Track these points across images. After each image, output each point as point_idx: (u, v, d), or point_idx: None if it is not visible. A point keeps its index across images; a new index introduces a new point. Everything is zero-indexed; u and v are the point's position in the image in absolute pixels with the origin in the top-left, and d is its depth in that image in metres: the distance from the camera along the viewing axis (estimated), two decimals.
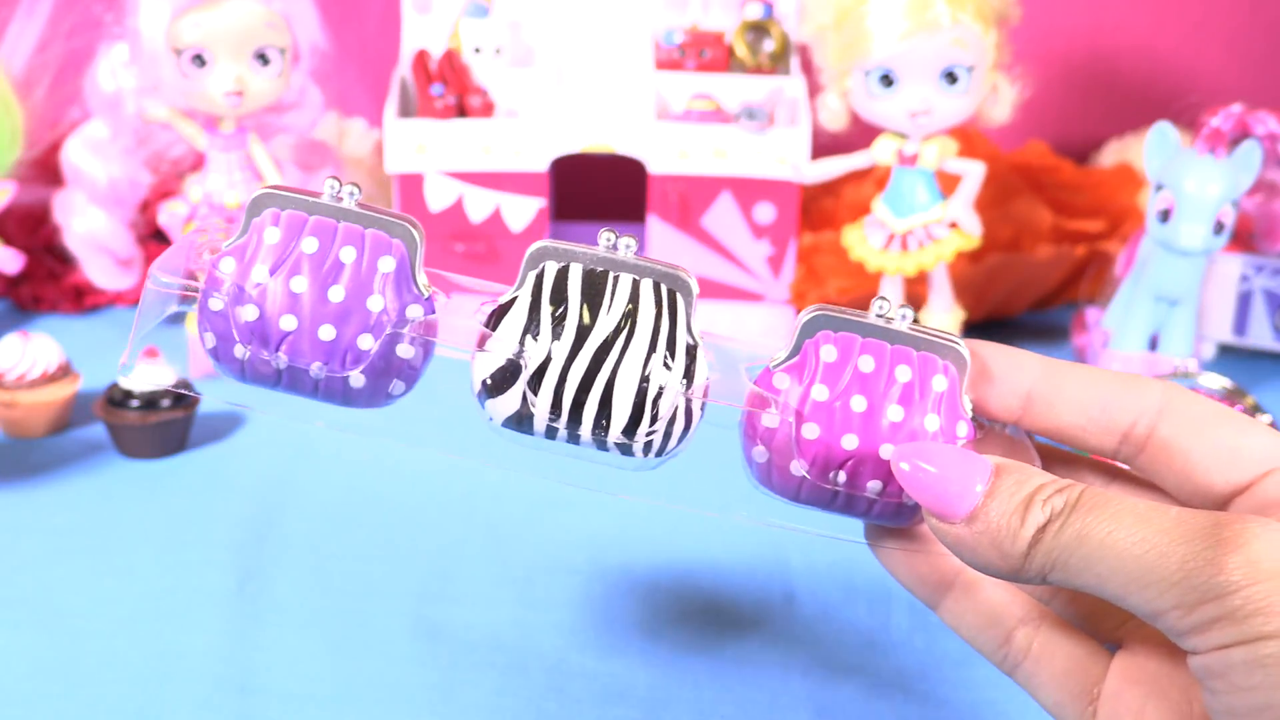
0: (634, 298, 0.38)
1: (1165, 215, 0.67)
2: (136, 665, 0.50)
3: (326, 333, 0.38)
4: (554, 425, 0.38)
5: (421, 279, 0.39)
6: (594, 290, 0.38)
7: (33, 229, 0.81)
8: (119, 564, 0.56)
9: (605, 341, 0.38)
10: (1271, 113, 0.70)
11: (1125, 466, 0.38)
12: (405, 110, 0.80)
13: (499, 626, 0.53)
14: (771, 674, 0.51)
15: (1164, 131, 0.68)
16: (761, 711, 0.49)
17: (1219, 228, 0.66)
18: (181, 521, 0.59)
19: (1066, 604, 0.39)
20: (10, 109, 0.75)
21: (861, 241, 0.75)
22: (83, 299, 0.82)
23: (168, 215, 0.73)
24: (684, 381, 0.38)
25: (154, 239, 0.81)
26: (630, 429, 0.38)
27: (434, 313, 0.39)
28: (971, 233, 0.74)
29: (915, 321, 0.38)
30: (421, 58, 0.80)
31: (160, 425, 0.63)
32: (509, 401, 0.38)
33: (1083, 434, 0.37)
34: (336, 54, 0.74)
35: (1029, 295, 0.83)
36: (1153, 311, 0.70)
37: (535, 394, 0.38)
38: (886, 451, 0.37)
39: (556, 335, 0.38)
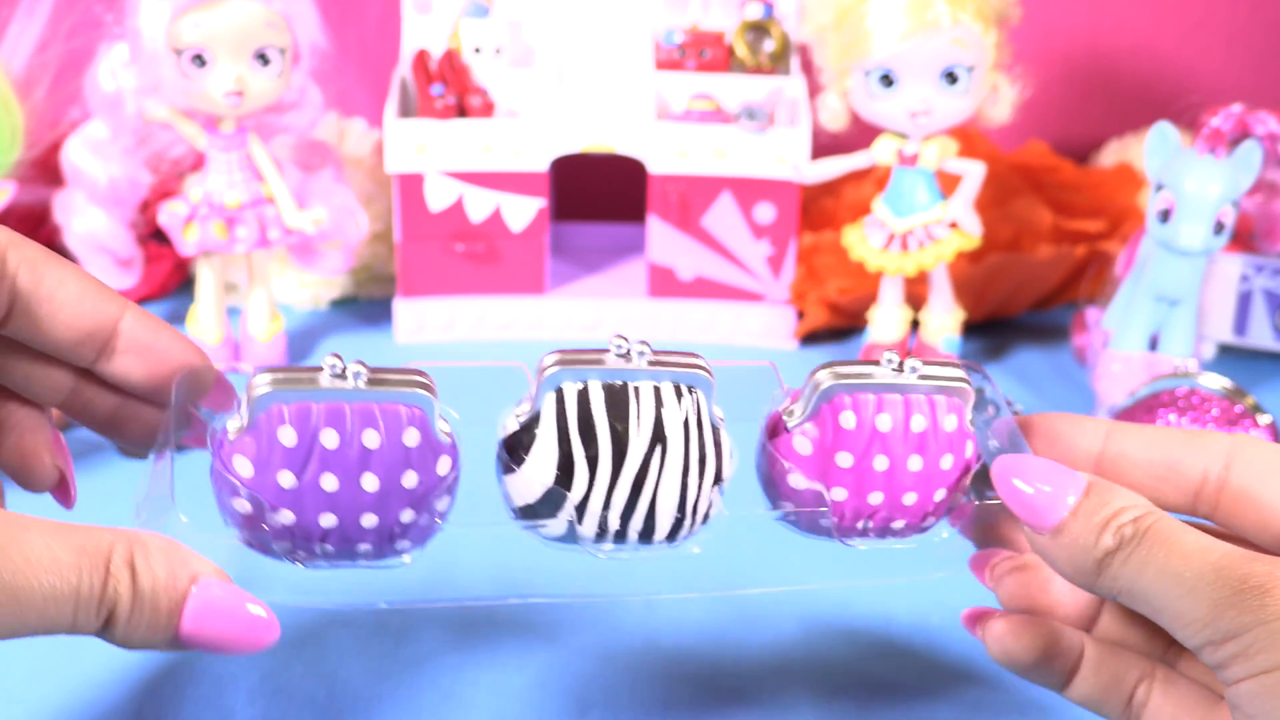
0: (658, 410, 0.38)
1: (1165, 215, 0.67)
2: (136, 665, 0.50)
3: (369, 520, 0.37)
4: (599, 545, 0.39)
5: (440, 429, 0.38)
6: (619, 408, 0.38)
7: (33, 229, 0.81)
8: None
9: (642, 464, 0.38)
10: (1271, 113, 0.70)
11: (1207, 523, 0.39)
12: (405, 110, 0.80)
13: (496, 626, 0.53)
14: (771, 674, 0.51)
15: (1164, 131, 0.68)
16: (762, 711, 0.49)
17: (1219, 228, 0.66)
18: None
19: (1174, 654, 0.41)
20: (10, 109, 0.75)
21: (861, 241, 0.75)
22: None
23: (168, 215, 0.73)
24: (717, 482, 0.39)
25: (154, 239, 0.81)
26: (673, 534, 0.39)
27: (458, 457, 0.38)
28: (971, 233, 0.74)
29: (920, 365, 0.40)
30: (421, 58, 0.80)
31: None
32: (553, 526, 0.39)
33: (1156, 494, 0.39)
34: (336, 54, 0.74)
35: (1029, 295, 0.83)
36: (1153, 311, 0.70)
37: (580, 523, 0.38)
38: (909, 499, 0.40)
39: (592, 466, 0.38)
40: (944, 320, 0.77)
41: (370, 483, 0.37)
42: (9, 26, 0.76)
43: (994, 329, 0.83)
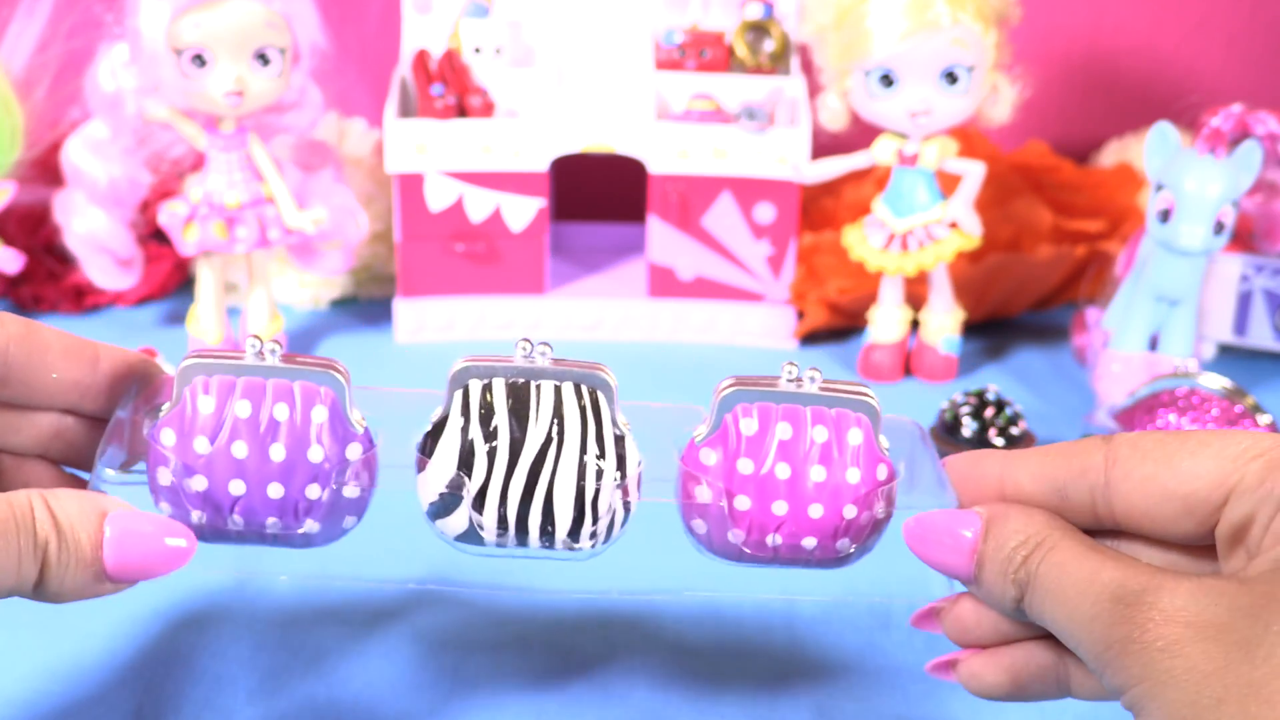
0: (557, 405, 0.40)
1: (1165, 215, 0.67)
2: (137, 665, 0.50)
3: (275, 490, 0.39)
4: (501, 540, 0.40)
5: (354, 416, 0.40)
6: (519, 403, 0.40)
7: (33, 229, 0.81)
8: None
9: (539, 454, 0.39)
10: (1271, 113, 0.70)
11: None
12: (405, 110, 0.80)
13: (495, 626, 0.53)
14: (772, 674, 0.51)
15: (1164, 131, 0.68)
16: (762, 711, 0.49)
17: (1219, 228, 0.66)
18: None
19: None
20: (10, 109, 0.75)
21: (861, 241, 0.76)
22: (83, 299, 0.81)
23: (168, 215, 0.73)
24: (618, 474, 0.40)
25: (154, 239, 0.81)
26: (575, 531, 0.40)
27: (373, 445, 0.40)
28: (971, 233, 0.74)
29: (824, 380, 0.41)
30: (421, 58, 0.80)
31: None
32: (457, 522, 0.40)
33: (1062, 514, 0.38)
34: (336, 54, 0.74)
35: (1029, 295, 0.83)
36: (1153, 311, 0.70)
37: (480, 514, 0.39)
38: (815, 511, 0.40)
39: (490, 456, 0.39)
40: (944, 320, 0.77)
41: (277, 452, 0.39)
42: (9, 26, 0.76)
43: (994, 329, 0.83)
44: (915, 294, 0.77)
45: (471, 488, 0.39)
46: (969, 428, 0.66)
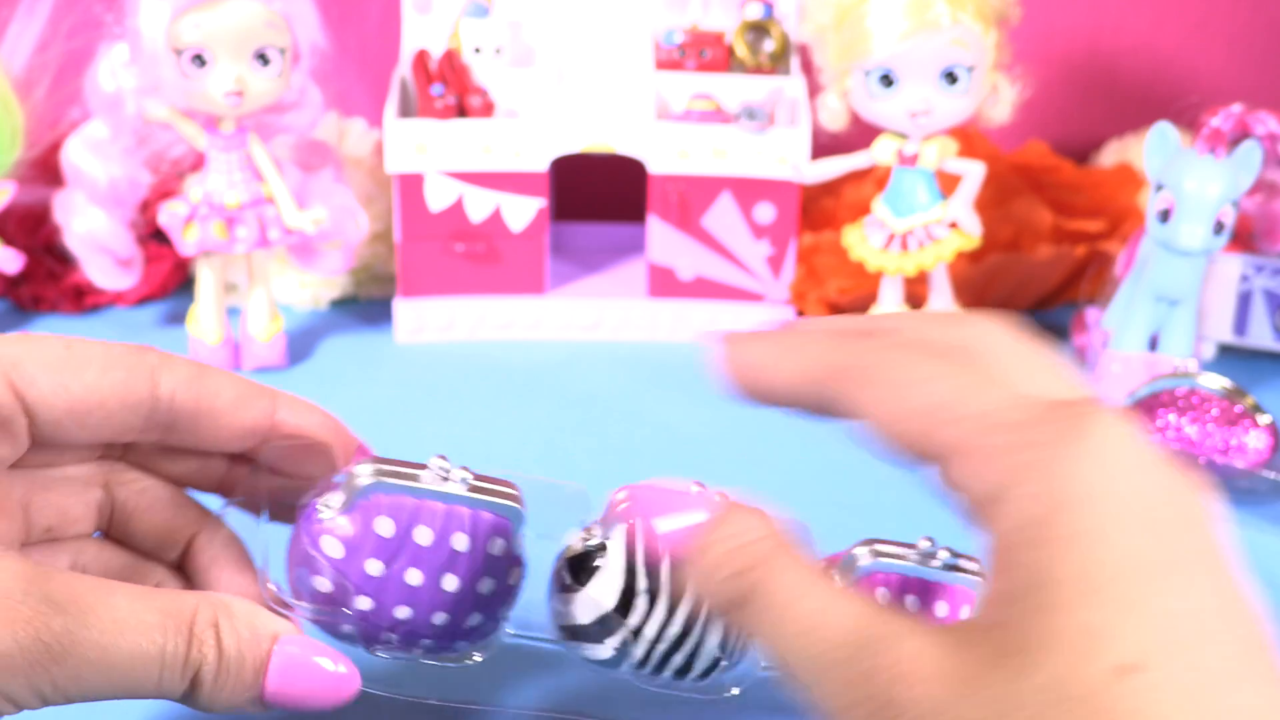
0: None
1: (1165, 215, 0.67)
2: None
3: (440, 618, 0.39)
4: (639, 673, 0.40)
5: (522, 539, 0.40)
6: None
7: (33, 229, 0.81)
8: None
9: (696, 603, 0.39)
10: (1271, 113, 0.70)
11: None
12: (405, 110, 0.80)
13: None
14: (772, 674, 0.51)
15: (1164, 131, 0.68)
16: (762, 711, 0.49)
17: (1219, 228, 0.66)
18: None
19: None
20: (10, 109, 0.75)
21: (861, 241, 0.76)
22: (83, 299, 0.81)
23: (168, 215, 0.73)
24: None
25: (154, 239, 0.81)
26: (706, 674, 0.40)
27: (526, 568, 0.40)
28: (971, 233, 0.74)
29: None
30: (421, 58, 0.80)
31: None
32: (600, 650, 0.40)
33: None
34: (336, 54, 0.74)
35: (1029, 295, 0.83)
36: (1153, 311, 0.70)
37: (630, 652, 0.39)
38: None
39: (652, 602, 0.39)
40: None
41: (450, 583, 0.38)
42: (9, 26, 0.76)
43: None
44: (915, 294, 0.77)
45: (629, 624, 0.39)
46: None
